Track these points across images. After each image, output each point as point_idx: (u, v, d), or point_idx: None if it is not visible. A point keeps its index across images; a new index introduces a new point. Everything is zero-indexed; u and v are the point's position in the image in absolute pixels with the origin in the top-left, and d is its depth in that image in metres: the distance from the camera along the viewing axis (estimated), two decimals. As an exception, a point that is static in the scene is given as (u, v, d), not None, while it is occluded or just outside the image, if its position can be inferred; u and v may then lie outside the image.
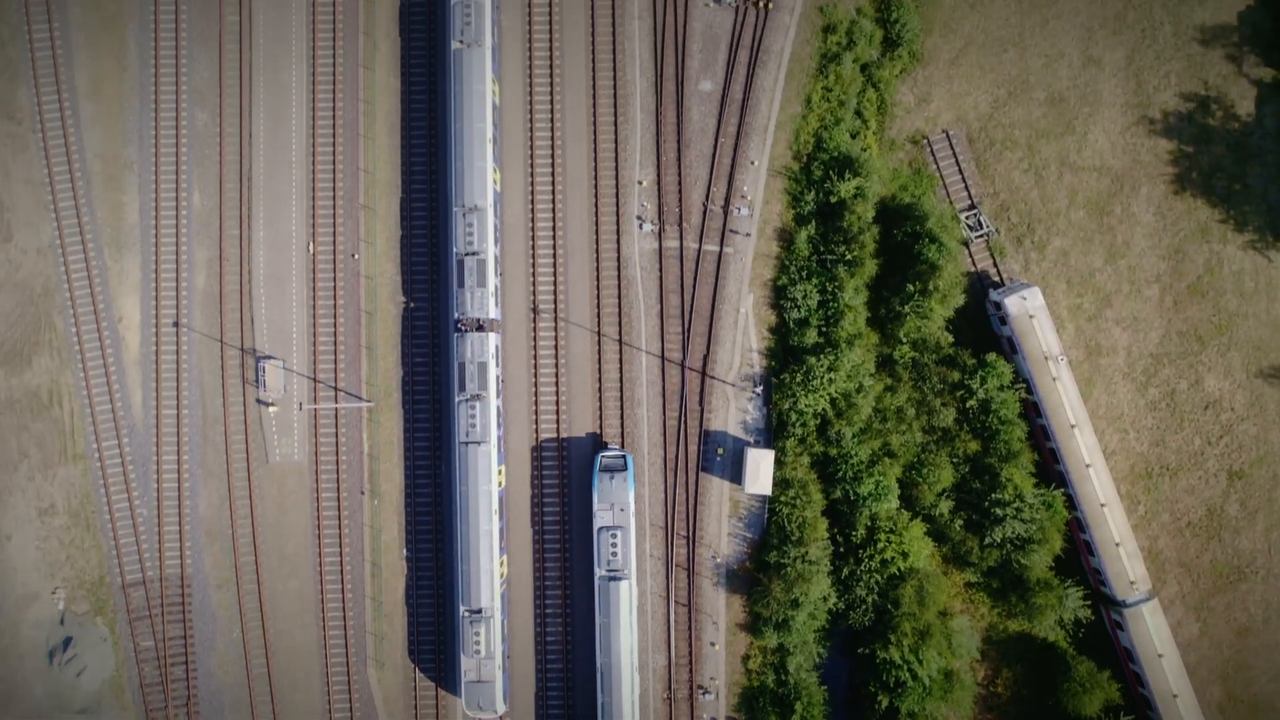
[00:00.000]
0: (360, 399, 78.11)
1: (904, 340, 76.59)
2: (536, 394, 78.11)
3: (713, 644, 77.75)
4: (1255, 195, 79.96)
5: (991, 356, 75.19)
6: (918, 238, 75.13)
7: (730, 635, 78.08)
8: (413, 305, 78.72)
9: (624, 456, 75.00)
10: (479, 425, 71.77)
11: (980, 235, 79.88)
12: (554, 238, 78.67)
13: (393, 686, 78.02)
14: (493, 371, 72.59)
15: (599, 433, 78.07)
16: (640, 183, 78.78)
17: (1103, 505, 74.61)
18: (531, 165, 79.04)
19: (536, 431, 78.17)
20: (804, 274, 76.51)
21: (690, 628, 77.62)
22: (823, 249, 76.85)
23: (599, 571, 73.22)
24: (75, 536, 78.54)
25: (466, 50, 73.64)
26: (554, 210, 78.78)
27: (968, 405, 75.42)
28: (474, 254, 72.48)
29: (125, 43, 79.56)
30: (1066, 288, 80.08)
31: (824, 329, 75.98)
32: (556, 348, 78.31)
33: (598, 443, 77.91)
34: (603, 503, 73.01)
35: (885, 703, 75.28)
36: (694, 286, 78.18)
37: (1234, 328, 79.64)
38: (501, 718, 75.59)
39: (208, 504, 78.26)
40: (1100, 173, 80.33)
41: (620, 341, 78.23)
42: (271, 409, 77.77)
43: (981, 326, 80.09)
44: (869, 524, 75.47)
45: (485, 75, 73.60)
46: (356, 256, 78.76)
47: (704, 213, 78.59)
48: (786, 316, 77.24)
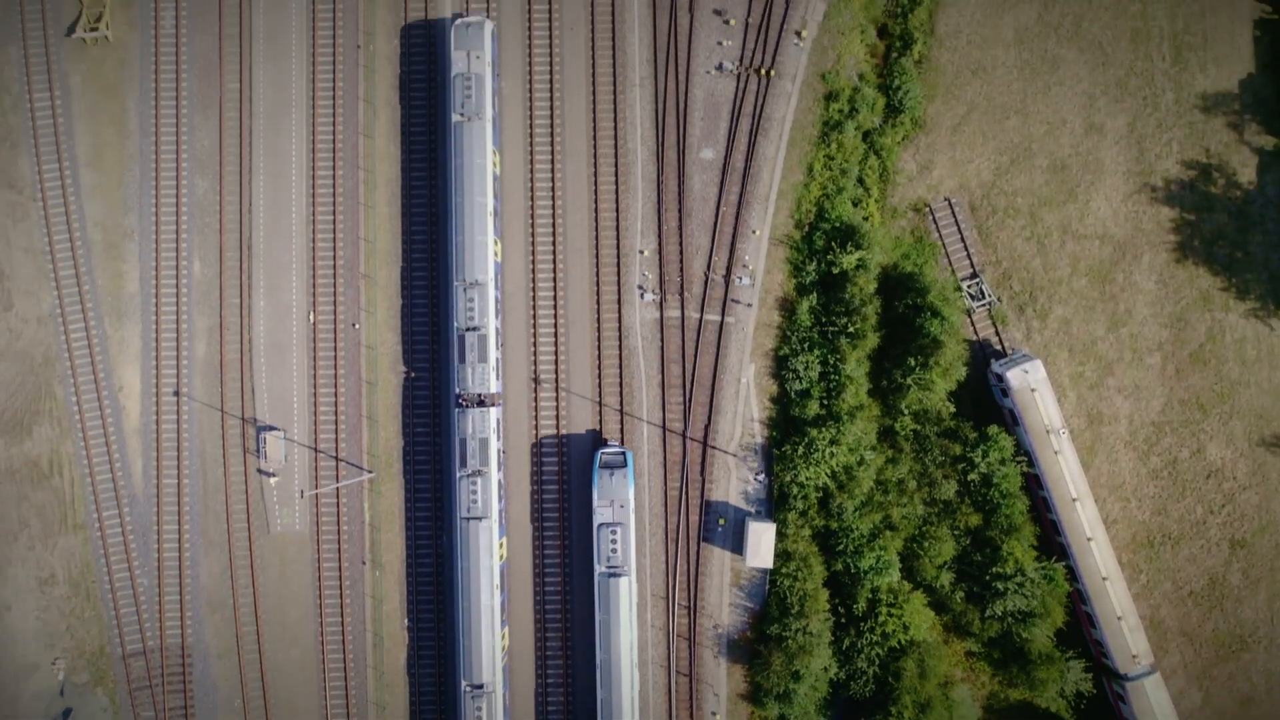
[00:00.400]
0: (361, 469, 77.98)
1: (905, 411, 76.33)
2: (540, 465, 77.95)
3: (714, 714, 77.68)
4: (1257, 263, 79.84)
5: (993, 429, 74.99)
6: (919, 310, 74.91)
7: (731, 705, 78.02)
8: (414, 375, 78.56)
9: (624, 453, 74.84)
10: (480, 501, 71.68)
11: (982, 304, 79.69)
12: (555, 307, 78.50)
13: (394, 757, 78.11)
14: (494, 446, 72.45)
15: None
16: (642, 252, 78.59)
17: (1104, 579, 74.52)
18: (533, 234, 78.85)
19: (540, 502, 78.02)
20: (806, 345, 76.31)
21: (691, 698, 77.55)
22: (824, 320, 76.66)
23: (599, 568, 73.29)
24: (75, 606, 78.44)
25: (467, 124, 73.44)
26: (555, 279, 78.61)
27: (969, 478, 75.24)
28: (475, 329, 72.32)
29: (126, 110, 79.39)
30: (1069, 356, 79.93)
31: (825, 400, 75.77)
32: (558, 418, 78.15)
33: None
34: (602, 499, 72.90)
35: (887, 773, 75.24)
36: (695, 356, 78.02)
37: (1236, 396, 79.52)
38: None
39: (209, 573, 78.14)
40: (1102, 240, 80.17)
41: (621, 411, 78.11)
42: (273, 479, 77.65)
43: (983, 394, 79.94)
44: (870, 596, 75.36)
45: (486, 149, 73.40)
46: (357, 326, 78.60)
47: (705, 282, 78.41)
48: (788, 387, 77.04)
